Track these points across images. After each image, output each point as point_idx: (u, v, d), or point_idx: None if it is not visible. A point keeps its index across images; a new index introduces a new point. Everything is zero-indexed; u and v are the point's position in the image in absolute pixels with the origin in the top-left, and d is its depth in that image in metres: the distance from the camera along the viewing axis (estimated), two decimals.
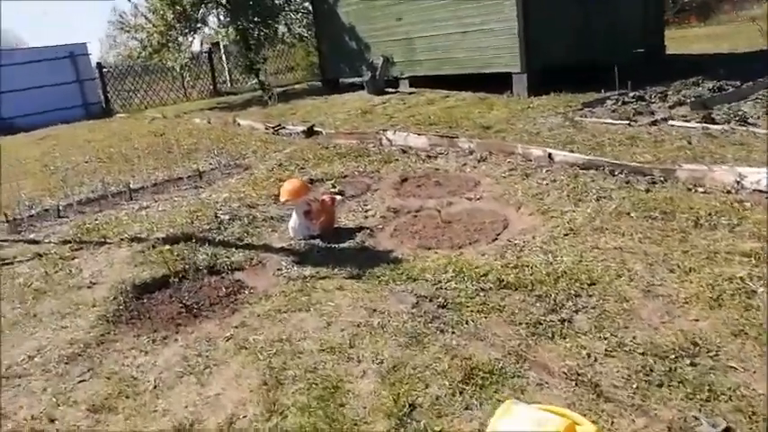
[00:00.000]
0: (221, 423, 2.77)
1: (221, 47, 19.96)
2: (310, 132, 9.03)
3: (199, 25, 15.08)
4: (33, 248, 5.43)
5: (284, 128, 9.67)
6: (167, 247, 4.77)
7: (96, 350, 3.52)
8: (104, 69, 18.46)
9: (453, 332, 3.26)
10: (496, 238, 4.47)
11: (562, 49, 10.57)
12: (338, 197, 5.18)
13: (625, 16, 11.92)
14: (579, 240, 4.19)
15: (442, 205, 5.23)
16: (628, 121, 7.19)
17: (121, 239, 5.26)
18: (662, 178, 5.09)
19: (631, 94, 8.50)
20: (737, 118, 6.71)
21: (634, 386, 2.69)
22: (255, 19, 14.43)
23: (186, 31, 14.75)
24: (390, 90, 12.28)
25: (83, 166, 9.09)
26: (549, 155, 5.94)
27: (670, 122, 7.00)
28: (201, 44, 21.97)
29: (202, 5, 14.54)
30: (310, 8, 15.49)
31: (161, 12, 14.14)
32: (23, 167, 9.61)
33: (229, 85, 20.45)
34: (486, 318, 3.38)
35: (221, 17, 15.81)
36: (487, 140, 6.95)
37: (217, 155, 8.59)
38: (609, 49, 10.90)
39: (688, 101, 7.91)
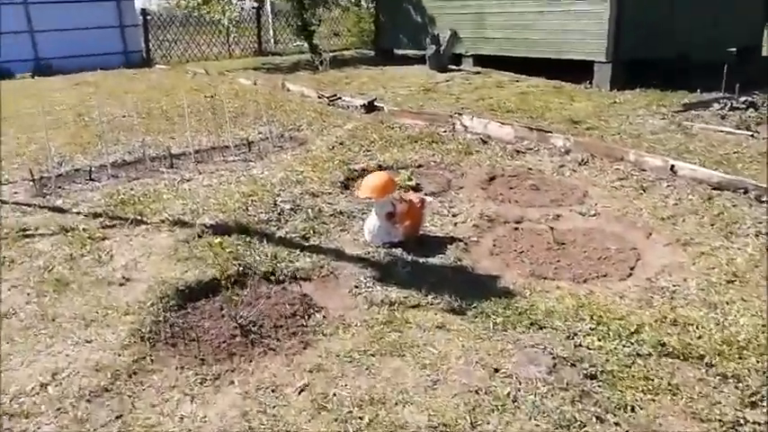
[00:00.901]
0: None
1: (268, 4, 18.88)
2: (371, 107, 8.04)
3: None
4: (58, 219, 4.58)
5: (340, 99, 8.68)
6: (217, 239, 3.88)
7: (128, 384, 2.65)
8: (148, 17, 17.53)
9: (617, 423, 2.34)
10: (631, 274, 3.50)
11: (652, 40, 9.38)
12: (428, 199, 4.23)
13: (725, 9, 10.60)
14: (750, 292, 3.21)
15: (548, 218, 4.27)
16: (750, 132, 6.10)
17: (161, 221, 4.37)
18: None
19: (741, 99, 7.36)
20: None
21: None
22: None
23: None
24: (453, 67, 11.18)
25: (120, 120, 8.22)
26: (672, 167, 4.91)
27: None
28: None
29: None
30: None
31: None
32: (57, 115, 8.78)
33: (273, 45, 19.43)
34: (656, 403, 2.44)
35: None
36: (586, 140, 5.91)
37: (266, 122, 7.66)
38: (701, 45, 9.67)
39: None
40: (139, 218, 4.51)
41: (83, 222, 4.51)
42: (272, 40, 19.44)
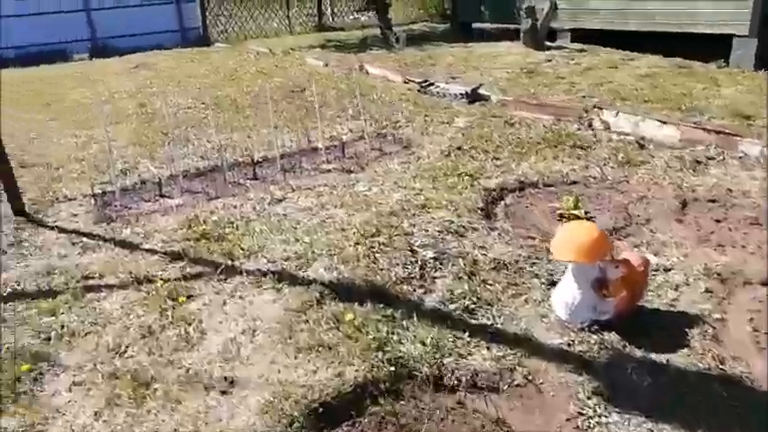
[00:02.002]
0: None
1: None
2: (475, 97, 6.72)
3: None
4: (128, 260, 3.49)
5: (433, 85, 7.38)
6: (347, 314, 2.73)
7: None
8: None
9: None
10: None
11: None
12: (653, 259, 2.95)
13: None
14: None
15: None
16: None
17: (261, 272, 3.24)
18: None
19: None
20: None
21: None
22: None
23: None
24: (549, 44, 9.67)
25: (185, 113, 7.14)
26: None
27: None
28: None
29: None
30: None
31: None
32: (116, 105, 7.77)
33: (331, 19, 18.08)
34: None
35: None
36: None
37: (354, 116, 6.45)
38: None
39: None
40: (230, 262, 3.39)
41: (158, 266, 3.41)
42: (330, 14, 18.11)
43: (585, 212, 3.70)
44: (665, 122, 4.96)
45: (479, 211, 3.79)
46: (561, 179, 4.30)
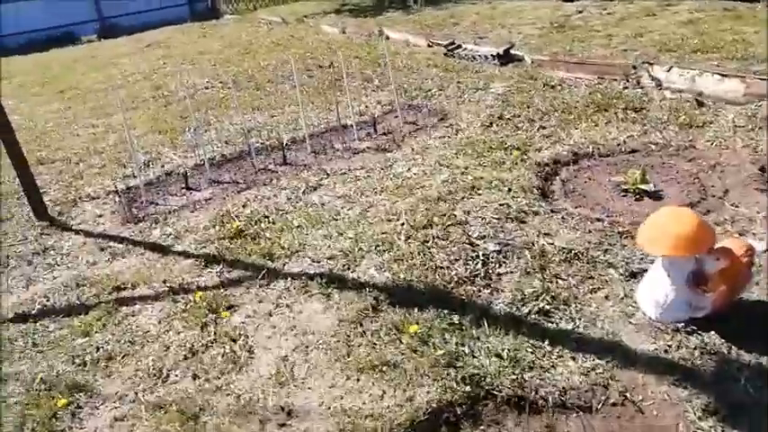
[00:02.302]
0: None
1: None
2: (507, 57, 6.26)
3: None
4: (160, 266, 3.23)
5: (460, 47, 6.91)
6: (400, 313, 2.44)
7: None
8: None
9: None
10: None
11: None
12: (759, 246, 2.58)
13: None
14: None
15: None
16: None
17: (305, 275, 2.95)
18: None
19: None
20: None
21: None
22: None
23: None
24: None
25: (203, 93, 6.80)
26: None
27: None
28: None
29: None
30: None
31: None
32: (131, 89, 7.45)
33: None
34: None
35: None
36: None
37: (381, 86, 6.05)
38: None
39: None
40: (271, 264, 3.11)
41: (193, 272, 3.15)
42: None
43: (654, 186, 3.33)
44: (725, 75, 4.49)
45: (535, 191, 3.44)
46: (618, 148, 3.90)
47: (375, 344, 2.40)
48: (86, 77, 8.66)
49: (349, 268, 2.95)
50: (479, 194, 3.49)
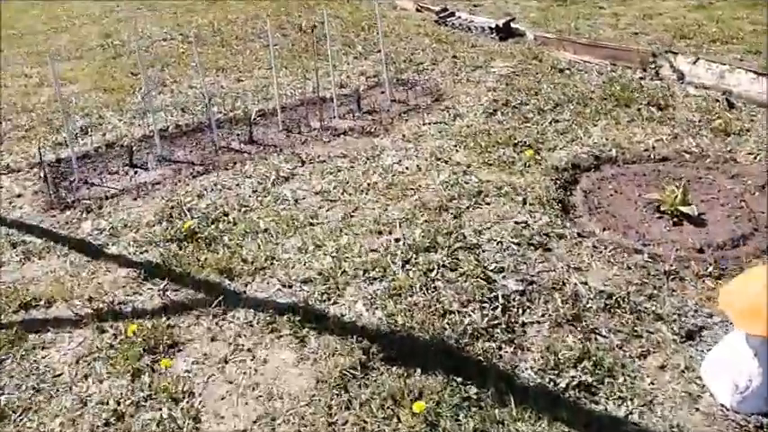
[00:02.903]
0: None
1: None
2: (507, 32, 5.56)
3: None
4: (87, 276, 2.52)
5: (454, 15, 6.16)
6: (398, 377, 1.83)
7: None
8: None
9: None
10: None
11: None
12: None
13: None
14: None
15: None
16: None
17: (272, 304, 2.28)
18: None
19: None
20: None
21: None
22: None
23: None
24: None
25: (160, 46, 5.89)
26: None
27: None
28: None
29: None
30: None
31: None
32: (76, 35, 6.45)
33: None
34: None
35: None
36: None
37: (364, 53, 5.29)
38: None
39: None
40: (229, 283, 2.44)
41: (129, 287, 2.45)
42: None
43: (695, 209, 2.76)
44: (760, 74, 3.94)
45: (555, 204, 2.83)
46: (646, 154, 3.31)
47: (365, 422, 1.78)
48: (26, 15, 7.54)
49: (329, 299, 2.30)
50: (488, 204, 2.87)
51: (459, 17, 6.06)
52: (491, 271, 2.33)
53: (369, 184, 3.13)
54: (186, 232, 2.78)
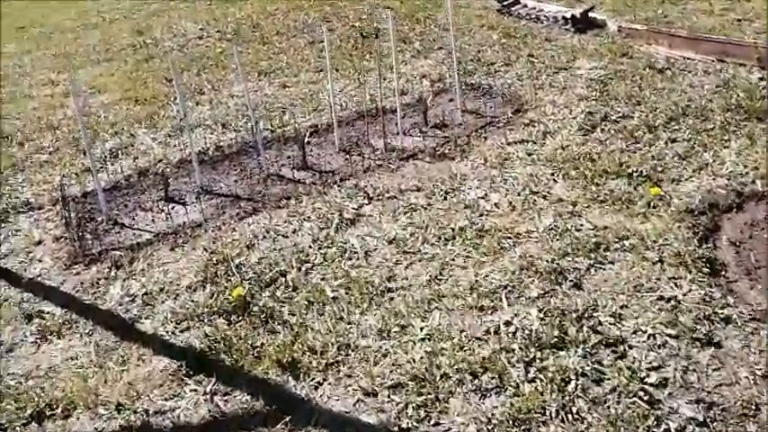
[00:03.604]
0: None
1: None
2: (585, 22, 4.81)
3: None
4: (114, 371, 1.97)
5: (518, 2, 5.42)
6: None
7: None
8: None
9: None
10: None
11: None
12: None
13: None
14: None
15: None
16: None
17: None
18: None
19: None
20: None
21: None
22: None
23: None
24: None
25: (195, 45, 5.31)
26: None
27: None
28: None
29: None
30: None
31: None
32: (107, 32, 5.92)
33: None
34: None
35: None
36: None
37: (423, 51, 4.61)
38: None
39: None
40: (293, 385, 1.87)
41: (168, 390, 1.90)
42: None
43: None
44: None
45: (702, 265, 2.17)
46: None
47: None
48: (55, 11, 7.04)
49: (428, 417, 1.69)
50: (611, 263, 2.21)
51: (526, 5, 5.31)
52: (650, 385, 1.69)
53: (453, 230, 2.50)
54: (235, 301, 2.21)
